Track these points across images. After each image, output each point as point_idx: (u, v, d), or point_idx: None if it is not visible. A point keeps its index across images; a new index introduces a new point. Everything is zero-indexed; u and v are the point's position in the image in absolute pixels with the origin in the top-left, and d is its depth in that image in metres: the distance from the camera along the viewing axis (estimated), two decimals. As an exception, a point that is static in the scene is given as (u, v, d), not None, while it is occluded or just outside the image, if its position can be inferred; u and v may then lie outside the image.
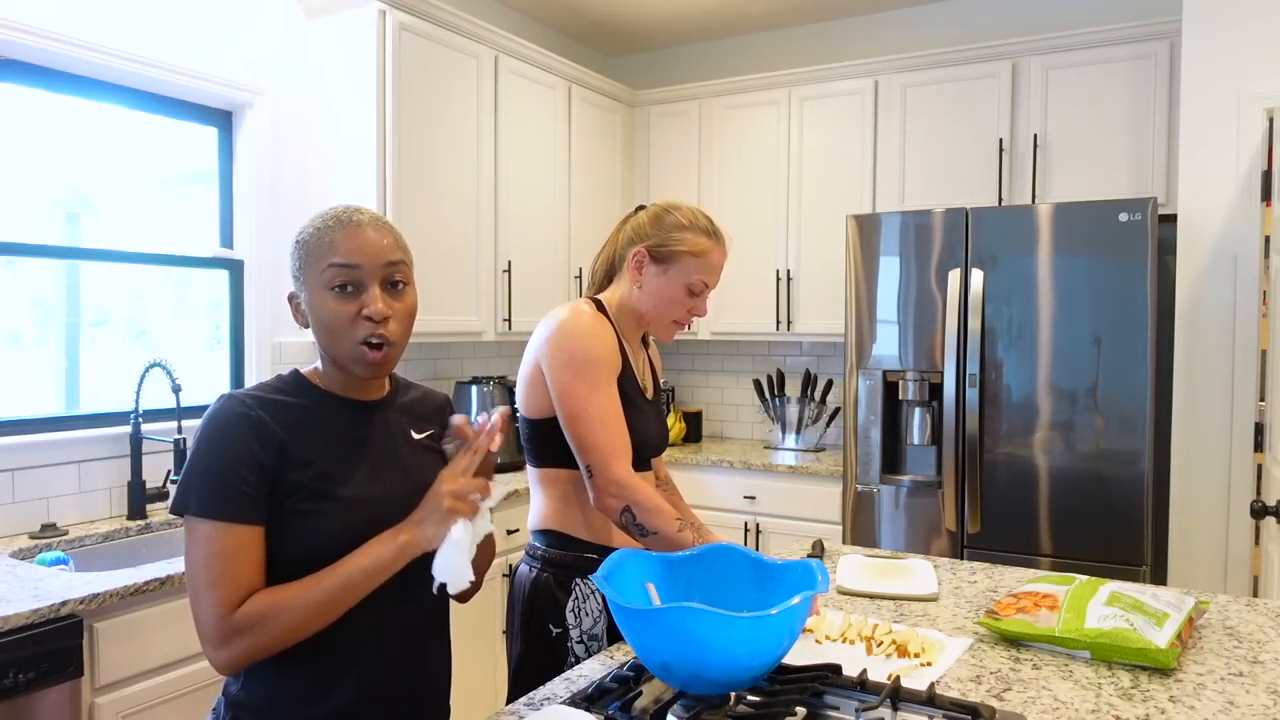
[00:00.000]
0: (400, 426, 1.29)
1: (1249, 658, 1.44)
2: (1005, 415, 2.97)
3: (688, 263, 1.63)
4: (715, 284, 1.69)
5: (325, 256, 1.16)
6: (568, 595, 1.62)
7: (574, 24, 4.18)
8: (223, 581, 1.09)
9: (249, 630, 1.09)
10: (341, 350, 1.18)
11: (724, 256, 1.68)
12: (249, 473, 1.12)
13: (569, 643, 1.61)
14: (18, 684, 1.66)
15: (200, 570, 1.10)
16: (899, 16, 3.96)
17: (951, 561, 2.04)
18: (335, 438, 1.21)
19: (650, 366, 1.82)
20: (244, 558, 1.11)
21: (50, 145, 2.45)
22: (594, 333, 1.60)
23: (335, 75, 2.94)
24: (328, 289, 1.17)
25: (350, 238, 1.17)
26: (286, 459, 1.15)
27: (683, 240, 1.63)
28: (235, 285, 2.90)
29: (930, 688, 1.23)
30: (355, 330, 1.17)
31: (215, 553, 1.10)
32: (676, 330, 1.70)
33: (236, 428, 1.13)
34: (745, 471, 3.61)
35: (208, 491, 1.11)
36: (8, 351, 2.40)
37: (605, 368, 1.58)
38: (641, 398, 1.69)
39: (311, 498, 1.15)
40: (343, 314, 1.16)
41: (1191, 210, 2.83)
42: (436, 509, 1.15)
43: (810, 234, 3.79)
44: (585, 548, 1.64)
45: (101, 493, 2.46)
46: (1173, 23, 3.10)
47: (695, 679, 1.18)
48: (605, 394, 1.57)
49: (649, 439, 1.69)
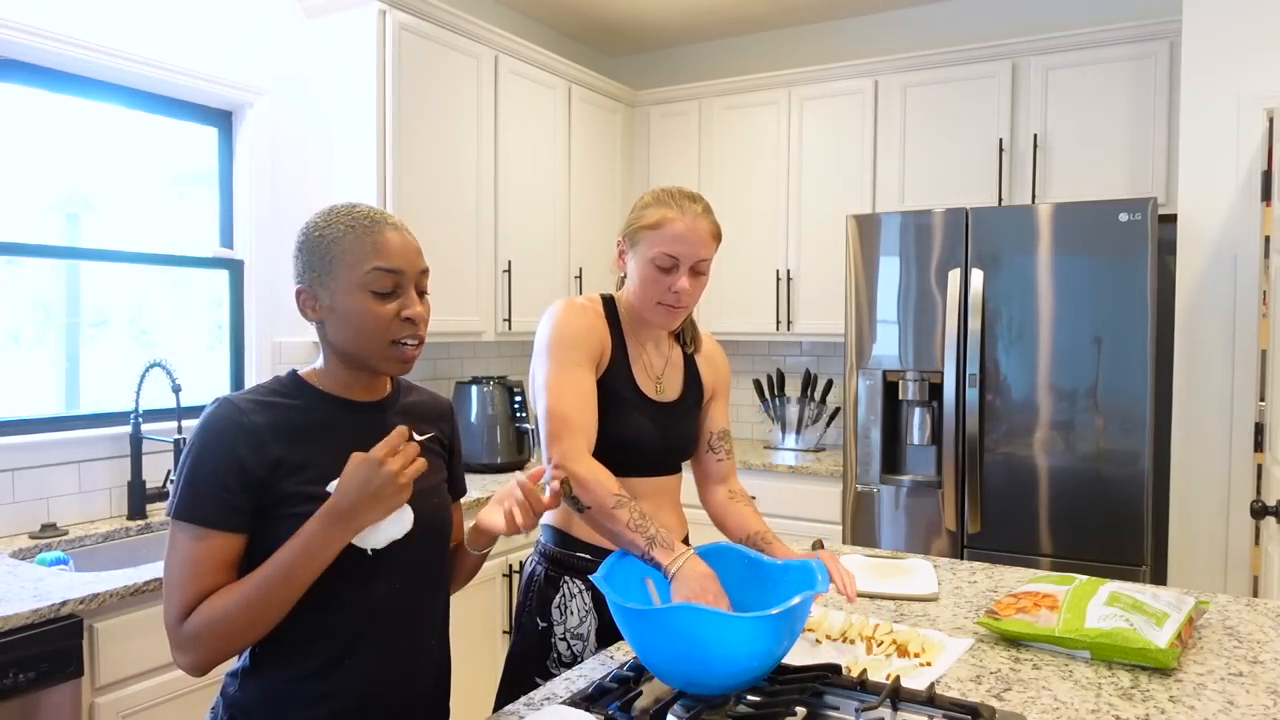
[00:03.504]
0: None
1: (1249, 658, 1.44)
2: (1005, 415, 2.97)
3: (648, 236, 1.57)
4: (690, 257, 1.56)
5: (367, 259, 1.17)
6: (555, 591, 1.62)
7: (574, 24, 4.18)
8: (186, 587, 1.10)
9: (200, 636, 1.09)
10: (373, 349, 1.19)
11: (692, 224, 1.55)
12: (233, 480, 1.11)
13: (552, 639, 1.61)
14: (18, 684, 1.66)
15: (170, 574, 1.11)
16: (899, 16, 3.96)
17: (951, 561, 2.04)
18: (333, 440, 1.20)
19: (688, 371, 1.74)
20: (212, 564, 1.11)
21: (50, 145, 2.45)
22: (571, 317, 1.58)
23: (335, 75, 2.94)
24: (366, 290, 1.17)
25: (393, 242, 1.19)
26: (279, 466, 1.14)
27: (642, 216, 1.59)
28: (235, 285, 2.90)
29: (930, 688, 1.23)
30: (392, 330, 1.19)
31: (185, 557, 1.10)
32: (667, 314, 1.60)
33: (228, 434, 1.12)
34: (745, 471, 3.61)
35: (189, 496, 1.11)
36: (8, 351, 2.40)
37: (576, 349, 1.55)
38: (639, 397, 1.63)
39: (303, 501, 1.14)
40: (382, 315, 1.18)
41: (1191, 210, 2.83)
42: (388, 486, 1.11)
43: (810, 234, 3.79)
44: (580, 547, 1.63)
45: (101, 493, 2.46)
46: (1173, 23, 3.10)
47: (695, 679, 1.18)
48: (571, 373, 1.53)
49: (637, 439, 1.62)
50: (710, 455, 1.77)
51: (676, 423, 1.69)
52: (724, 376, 1.81)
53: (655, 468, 1.67)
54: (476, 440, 3.26)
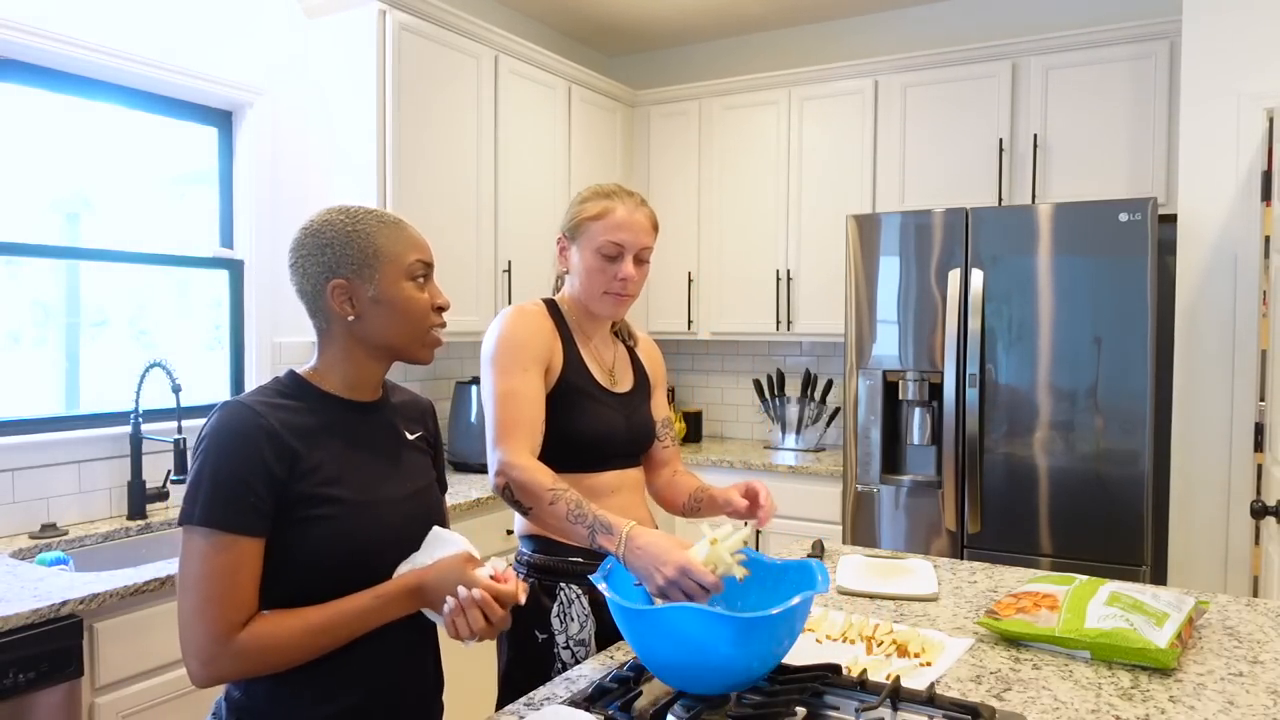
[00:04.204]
0: (395, 427, 1.31)
1: (1249, 658, 1.44)
2: (1005, 415, 2.97)
3: (591, 228, 1.61)
4: (634, 244, 1.61)
5: (409, 251, 1.23)
6: (553, 600, 1.60)
7: (574, 24, 4.18)
8: (223, 600, 1.09)
9: (249, 655, 1.09)
10: (414, 337, 1.24)
11: (631, 213, 1.62)
12: (259, 484, 1.11)
13: (555, 649, 1.58)
14: (18, 684, 1.66)
15: (198, 582, 1.09)
16: (899, 16, 3.96)
17: (951, 561, 2.04)
18: (340, 441, 1.21)
19: (634, 362, 1.80)
20: (244, 575, 1.10)
21: (50, 145, 2.45)
22: (515, 323, 1.60)
23: (335, 75, 2.94)
24: (411, 279, 1.23)
25: (419, 236, 1.27)
26: (297, 468, 1.14)
27: (583, 210, 1.63)
28: (235, 285, 2.90)
29: (930, 688, 1.23)
30: (430, 318, 1.26)
31: (217, 567, 1.09)
32: (615, 303, 1.64)
33: (253, 438, 1.12)
34: (745, 472, 3.61)
35: (216, 501, 1.09)
36: (8, 351, 2.40)
37: (520, 354, 1.56)
38: (599, 389, 1.66)
39: (317, 503, 1.15)
40: (424, 303, 1.25)
41: (1191, 210, 2.83)
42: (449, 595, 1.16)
43: (810, 234, 3.79)
44: (570, 552, 1.61)
45: (101, 493, 2.46)
46: (1173, 23, 3.10)
47: (695, 679, 1.18)
48: (516, 377, 1.54)
49: (608, 431, 1.65)
50: (658, 443, 1.81)
51: (635, 412, 1.73)
52: (660, 367, 1.88)
53: (622, 459, 1.70)
54: (475, 440, 3.26)
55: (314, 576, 1.14)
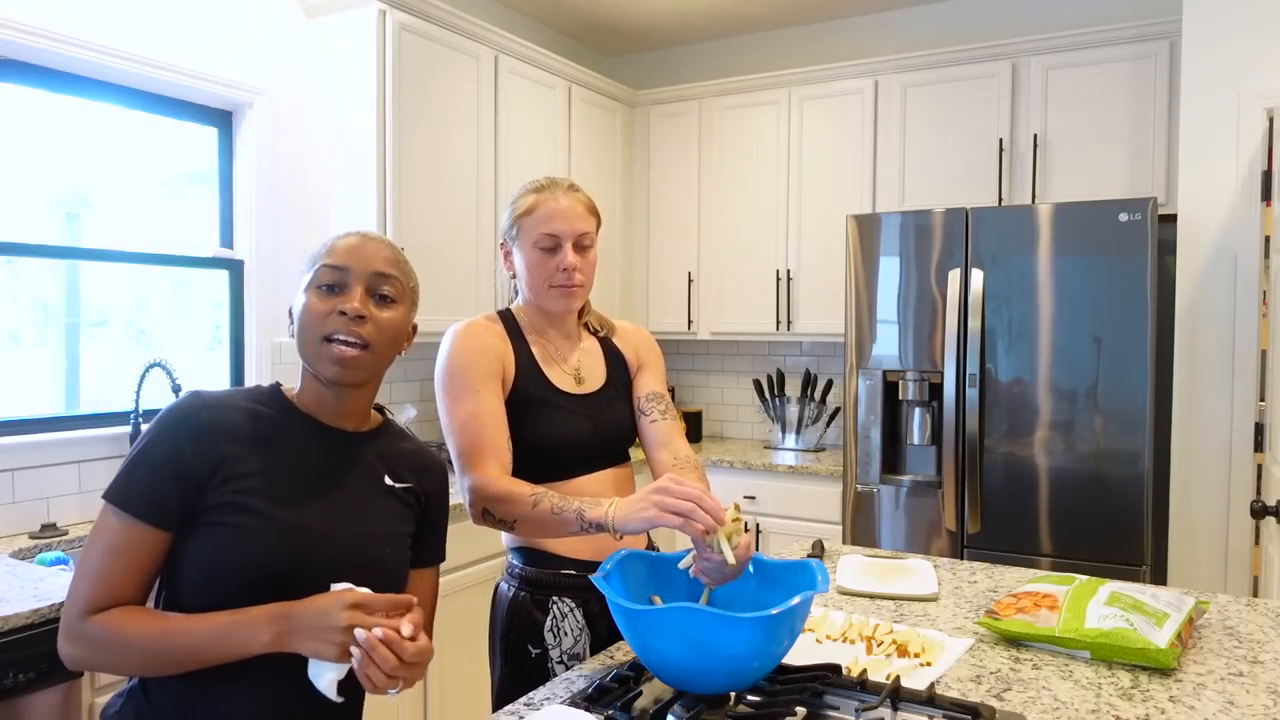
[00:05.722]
0: (373, 467, 1.24)
1: (1249, 658, 1.44)
2: (1005, 415, 2.97)
3: (526, 223, 1.59)
4: (569, 232, 1.57)
5: (319, 260, 1.19)
6: (545, 615, 1.57)
7: (574, 24, 4.18)
8: (95, 577, 1.07)
9: (96, 643, 1.06)
10: (308, 347, 1.16)
11: (561, 202, 1.58)
12: (168, 475, 1.08)
13: (549, 663, 1.56)
14: (17, 684, 1.66)
15: (84, 555, 1.09)
16: (899, 16, 3.96)
17: (951, 561, 2.04)
18: (289, 457, 1.16)
19: (608, 355, 1.73)
20: (126, 559, 1.07)
21: (50, 145, 2.45)
22: (459, 343, 1.57)
23: (335, 75, 2.94)
24: (315, 288, 1.17)
25: (346, 245, 1.19)
26: (221, 471, 1.10)
27: (516, 207, 1.62)
28: (235, 285, 2.90)
29: (930, 688, 1.23)
30: (325, 325, 1.14)
31: (107, 546, 1.08)
32: (563, 295, 1.60)
33: (178, 430, 1.10)
34: (745, 471, 3.61)
35: (123, 481, 1.09)
36: (8, 351, 2.40)
37: (467, 375, 1.54)
38: (557, 394, 1.61)
39: (231, 511, 1.10)
40: (320, 309, 1.15)
41: (1191, 210, 2.83)
42: (331, 634, 1.02)
43: (810, 234, 3.79)
44: (562, 564, 1.58)
45: (101, 492, 2.46)
46: (1173, 23, 3.10)
47: (695, 679, 1.18)
48: (469, 399, 1.52)
49: (571, 436, 1.59)
50: (643, 418, 1.71)
51: (606, 410, 1.66)
52: (647, 346, 1.78)
53: (598, 461, 1.64)
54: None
55: (213, 587, 1.08)
